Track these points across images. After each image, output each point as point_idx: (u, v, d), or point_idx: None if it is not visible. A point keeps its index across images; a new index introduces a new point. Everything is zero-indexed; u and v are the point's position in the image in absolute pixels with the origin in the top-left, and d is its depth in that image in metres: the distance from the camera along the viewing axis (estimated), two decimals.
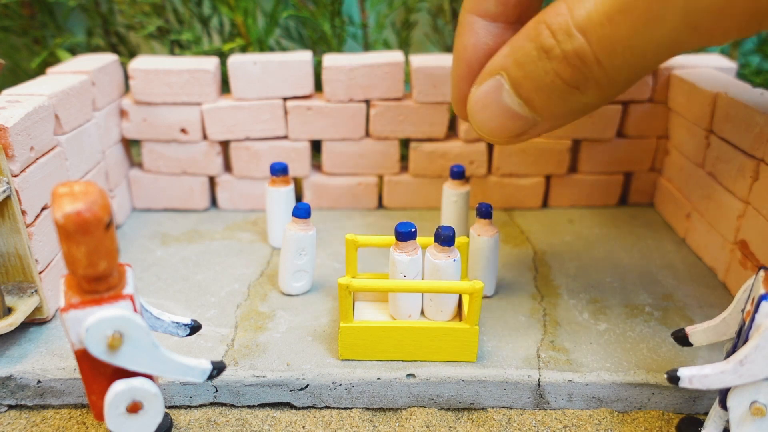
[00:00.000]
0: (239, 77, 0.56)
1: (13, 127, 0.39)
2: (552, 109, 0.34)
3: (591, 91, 0.32)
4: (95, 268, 0.28)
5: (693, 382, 0.32)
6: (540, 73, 0.32)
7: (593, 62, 0.31)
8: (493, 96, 0.35)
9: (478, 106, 0.36)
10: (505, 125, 0.36)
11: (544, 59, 0.32)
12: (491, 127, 0.36)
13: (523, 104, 0.34)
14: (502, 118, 0.35)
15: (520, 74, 0.33)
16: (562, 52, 0.31)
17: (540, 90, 0.33)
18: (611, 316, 0.45)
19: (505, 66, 0.34)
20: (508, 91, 0.34)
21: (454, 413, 0.40)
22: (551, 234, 0.58)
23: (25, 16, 0.71)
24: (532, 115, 0.34)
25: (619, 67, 0.30)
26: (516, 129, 0.36)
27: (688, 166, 0.56)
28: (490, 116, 0.36)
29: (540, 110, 0.34)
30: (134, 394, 0.31)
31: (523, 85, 0.33)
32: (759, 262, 0.45)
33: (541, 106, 0.34)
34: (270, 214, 0.54)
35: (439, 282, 0.39)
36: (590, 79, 0.31)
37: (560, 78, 0.32)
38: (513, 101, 0.34)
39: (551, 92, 0.33)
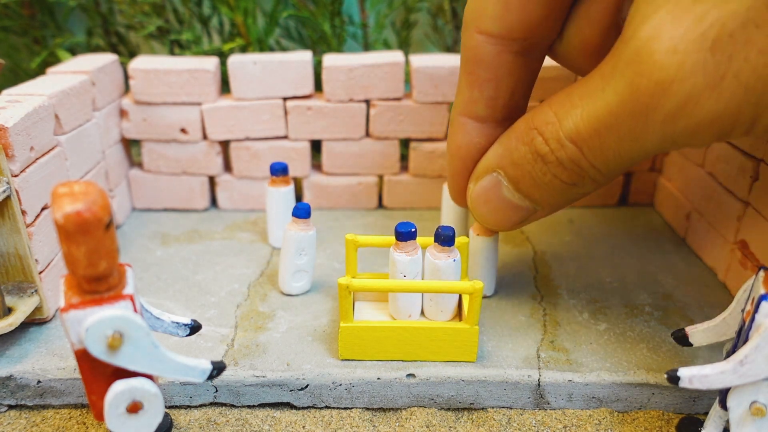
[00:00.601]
0: (239, 77, 0.56)
1: (13, 127, 0.39)
2: (552, 201, 0.36)
3: (588, 186, 0.35)
4: (95, 268, 0.28)
5: (693, 382, 0.32)
6: (538, 173, 0.35)
7: (588, 166, 0.33)
8: (493, 192, 0.38)
9: (480, 201, 0.39)
10: (507, 216, 0.39)
11: (540, 162, 0.34)
12: (494, 219, 0.39)
13: (523, 198, 0.37)
14: (503, 210, 0.38)
15: (518, 173, 0.36)
16: (557, 159, 0.34)
17: (539, 187, 0.36)
18: (611, 316, 0.45)
19: (501, 165, 0.37)
20: (508, 187, 0.37)
21: (454, 413, 0.40)
22: (551, 234, 0.58)
23: (25, 16, 0.71)
24: (532, 205, 0.37)
25: (612, 167, 0.33)
26: (518, 218, 0.39)
27: (688, 166, 0.56)
28: (492, 210, 0.39)
29: (540, 202, 0.37)
30: (134, 394, 0.31)
31: (521, 182, 0.36)
32: (759, 262, 0.45)
33: (540, 199, 0.36)
34: (270, 214, 0.54)
35: (439, 282, 0.39)
36: (586, 178, 0.34)
37: (558, 179, 0.34)
38: (513, 195, 0.37)
39: (550, 189, 0.35)
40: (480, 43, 0.37)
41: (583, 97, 0.32)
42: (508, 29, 0.36)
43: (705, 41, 0.27)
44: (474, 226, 0.45)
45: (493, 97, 0.39)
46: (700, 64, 0.27)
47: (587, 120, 0.32)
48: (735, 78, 0.27)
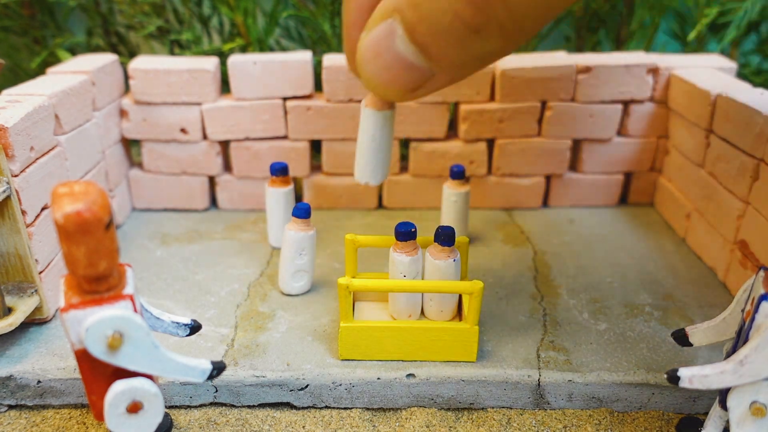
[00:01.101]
0: (239, 77, 0.56)
1: (13, 127, 0.39)
2: (451, 57, 0.29)
3: (493, 36, 0.28)
4: (95, 268, 0.28)
5: (693, 382, 0.32)
6: (438, 13, 0.28)
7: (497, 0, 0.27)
8: (385, 43, 0.30)
9: (369, 54, 0.31)
10: (398, 76, 0.31)
11: None
12: (384, 79, 0.31)
13: (418, 52, 0.30)
14: (395, 68, 0.31)
15: (416, 16, 0.29)
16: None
17: (437, 34, 0.29)
18: (611, 316, 0.45)
19: (398, 7, 0.29)
20: (402, 37, 0.30)
21: (454, 413, 0.40)
22: (551, 234, 0.58)
23: (25, 16, 0.71)
24: (428, 64, 0.30)
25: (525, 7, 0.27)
26: (411, 81, 0.31)
27: (688, 166, 0.56)
28: (381, 66, 0.31)
29: (437, 58, 0.30)
30: (134, 394, 0.31)
31: (418, 28, 0.29)
32: (759, 262, 0.45)
33: (438, 54, 0.29)
34: (270, 214, 0.54)
35: (439, 282, 0.39)
36: (493, 20, 0.27)
37: (460, 19, 0.28)
38: (407, 48, 0.30)
39: (450, 36, 0.28)
40: None
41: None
42: None
43: None
44: (367, 96, 0.36)
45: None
46: None
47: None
48: None
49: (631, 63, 0.56)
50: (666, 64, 0.57)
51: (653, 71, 0.57)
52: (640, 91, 0.57)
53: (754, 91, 0.50)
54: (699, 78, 0.54)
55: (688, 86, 0.54)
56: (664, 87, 0.58)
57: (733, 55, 0.74)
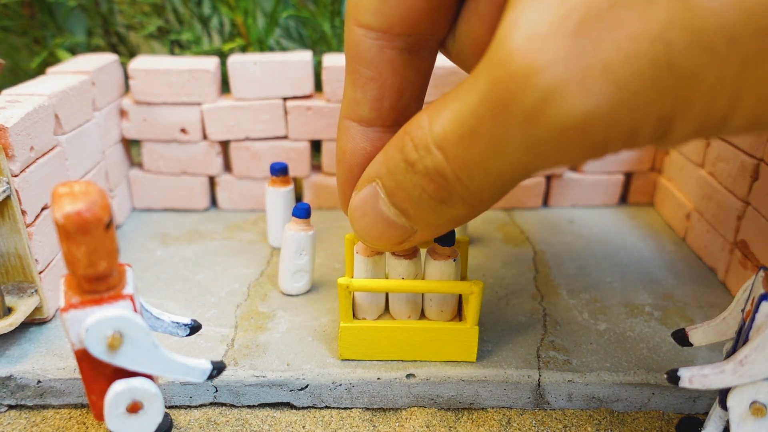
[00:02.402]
0: (239, 77, 0.56)
1: (13, 127, 0.39)
2: (426, 219, 0.32)
3: (458, 205, 0.30)
4: (95, 268, 0.28)
5: (693, 382, 0.32)
6: (408, 185, 0.31)
7: (453, 179, 0.29)
8: (370, 204, 0.34)
9: (358, 213, 0.35)
10: (384, 233, 0.34)
11: (410, 172, 0.30)
12: (372, 235, 0.35)
13: (399, 214, 0.33)
14: (380, 226, 0.34)
15: (393, 184, 0.32)
16: (424, 168, 0.29)
17: (411, 201, 0.31)
18: (611, 316, 0.45)
19: (379, 174, 0.33)
20: (384, 200, 0.33)
21: (454, 413, 0.40)
22: (551, 234, 0.58)
23: (25, 16, 0.71)
24: (408, 224, 0.33)
25: (479, 185, 0.29)
26: (395, 238, 0.34)
27: (688, 166, 0.56)
28: (369, 224, 0.34)
29: (414, 220, 0.32)
30: (134, 394, 0.31)
31: (396, 195, 0.32)
32: (759, 262, 0.45)
33: (415, 217, 0.32)
34: (270, 214, 0.54)
35: (439, 282, 0.38)
36: (454, 195, 0.30)
37: (426, 192, 0.30)
38: (389, 210, 0.33)
39: (421, 204, 0.31)
40: (360, 37, 0.33)
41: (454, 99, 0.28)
42: (388, 23, 0.32)
43: (568, 24, 0.22)
44: (358, 243, 0.42)
45: (378, 98, 0.34)
46: (562, 52, 0.22)
47: (453, 123, 0.27)
48: (604, 70, 0.22)
49: None
50: None
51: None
52: None
53: None
54: None
55: None
56: None
57: None
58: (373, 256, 0.40)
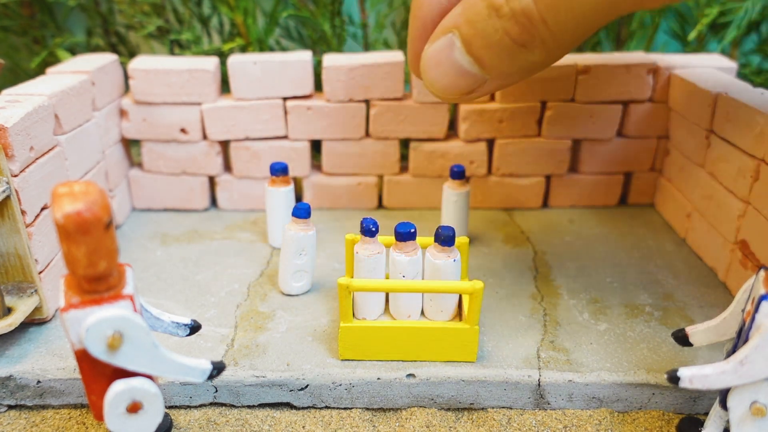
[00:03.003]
0: (239, 77, 0.56)
1: (12, 127, 0.39)
2: (500, 67, 0.35)
3: (537, 50, 0.33)
4: (95, 268, 0.28)
5: (693, 382, 0.32)
6: (490, 30, 0.34)
7: (539, 21, 0.32)
8: (445, 53, 0.36)
9: (431, 63, 0.37)
10: (455, 82, 0.37)
11: (493, 17, 0.33)
12: (442, 84, 0.37)
13: (473, 62, 0.35)
14: (452, 75, 0.37)
15: (471, 32, 0.34)
16: (511, 11, 0.32)
17: (489, 47, 0.34)
18: (611, 316, 0.45)
19: (457, 24, 0.35)
20: (460, 49, 0.35)
21: (454, 413, 0.40)
22: (551, 234, 0.58)
23: (24, 16, 0.71)
24: (481, 72, 0.36)
25: (562, 27, 0.32)
26: (466, 86, 0.37)
27: (688, 166, 0.56)
28: (441, 73, 0.37)
29: (489, 68, 0.35)
30: (134, 394, 0.31)
31: (473, 43, 0.35)
32: (759, 262, 0.45)
33: (490, 64, 0.35)
34: (270, 214, 0.54)
35: (439, 282, 0.38)
36: (536, 38, 0.33)
37: (508, 36, 0.33)
38: (464, 59, 0.35)
39: (500, 50, 0.34)
40: None
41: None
42: None
43: None
44: (358, 243, 0.42)
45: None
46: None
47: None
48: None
49: (631, 63, 0.56)
50: (666, 64, 0.57)
51: (653, 71, 0.57)
52: (640, 91, 0.57)
53: (754, 91, 0.50)
54: (699, 78, 0.54)
55: (689, 86, 0.54)
56: (665, 87, 0.58)
57: (733, 54, 0.74)
58: (373, 256, 0.40)
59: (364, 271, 0.41)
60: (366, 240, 0.40)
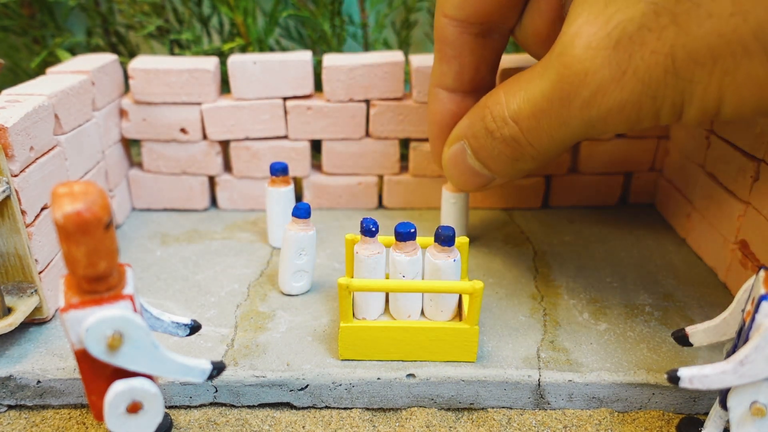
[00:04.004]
0: (239, 77, 0.56)
1: (12, 127, 0.39)
2: (504, 171, 0.42)
3: (528, 162, 0.40)
4: (95, 268, 0.28)
5: (693, 382, 0.32)
6: (489, 147, 0.41)
7: (526, 144, 0.38)
8: (459, 158, 0.44)
9: (450, 164, 0.45)
10: (471, 180, 0.45)
11: (490, 138, 0.40)
12: (462, 181, 0.45)
13: (482, 166, 0.43)
14: (468, 175, 0.44)
15: (476, 145, 0.42)
16: (501, 136, 0.39)
17: (492, 158, 0.41)
18: (611, 316, 0.45)
19: (465, 136, 0.43)
20: (470, 155, 0.43)
21: (454, 413, 0.40)
22: (551, 234, 0.58)
23: (24, 16, 0.71)
24: (490, 174, 0.43)
25: (546, 148, 0.38)
26: (480, 183, 0.44)
27: (688, 166, 0.56)
28: (459, 173, 0.45)
29: (494, 172, 0.43)
30: (134, 394, 0.31)
31: (479, 153, 0.42)
32: (759, 262, 0.45)
33: (494, 169, 0.42)
34: (270, 214, 0.54)
35: (439, 282, 0.38)
36: (526, 155, 0.39)
37: (503, 153, 0.40)
38: (474, 163, 0.43)
39: (499, 161, 0.41)
40: (445, 25, 0.43)
41: (527, 82, 0.37)
42: (466, 15, 0.42)
43: (611, 40, 0.32)
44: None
45: (459, 71, 0.44)
46: (606, 60, 0.32)
47: (527, 102, 0.37)
48: (634, 74, 0.32)
49: None
50: None
51: None
52: None
53: None
54: None
55: None
56: None
57: None
58: (373, 256, 0.40)
59: (364, 271, 0.41)
60: (366, 240, 0.40)
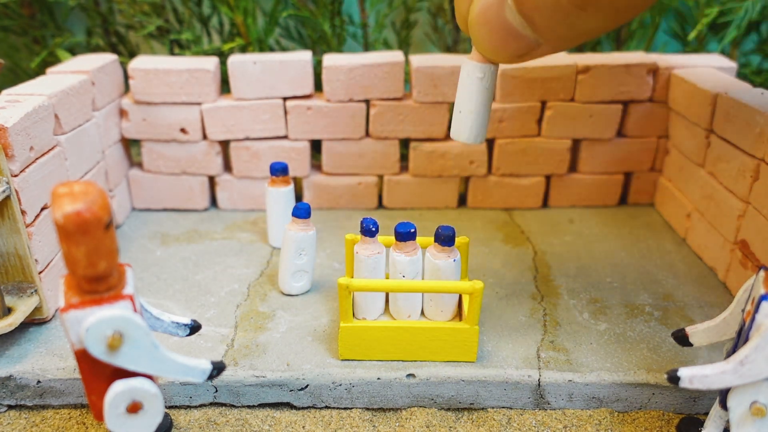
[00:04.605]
0: (239, 77, 0.56)
1: (12, 127, 0.39)
2: (556, 31, 0.30)
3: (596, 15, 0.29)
4: (95, 268, 0.28)
5: (693, 382, 0.32)
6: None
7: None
8: (495, 10, 0.32)
9: (480, 20, 0.33)
10: (506, 44, 0.32)
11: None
12: (493, 44, 0.33)
13: (525, 23, 0.31)
14: (503, 35, 0.32)
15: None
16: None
17: (543, 9, 0.29)
18: (611, 316, 0.45)
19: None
20: (511, 7, 0.31)
21: (454, 413, 0.40)
22: (551, 234, 0.58)
23: (25, 16, 0.71)
24: (534, 35, 0.31)
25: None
26: (518, 49, 0.32)
27: (688, 166, 0.56)
28: (491, 32, 0.32)
29: (543, 31, 0.31)
30: (134, 394, 0.31)
31: (526, 2, 0.30)
32: (759, 262, 0.45)
33: (544, 27, 0.30)
34: (270, 214, 0.54)
35: (439, 282, 0.38)
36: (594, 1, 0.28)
37: None
38: (515, 19, 0.31)
39: (555, 12, 0.29)
40: None
41: None
42: None
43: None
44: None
45: None
46: None
47: None
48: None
49: (631, 63, 0.56)
50: (666, 64, 0.57)
51: (653, 71, 0.57)
52: (640, 91, 0.57)
53: (754, 91, 0.49)
54: (699, 78, 0.54)
55: (689, 86, 0.54)
56: (664, 87, 0.58)
57: (733, 54, 0.74)
58: (373, 256, 0.40)
59: (364, 272, 0.41)
60: (366, 240, 0.40)
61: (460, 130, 0.38)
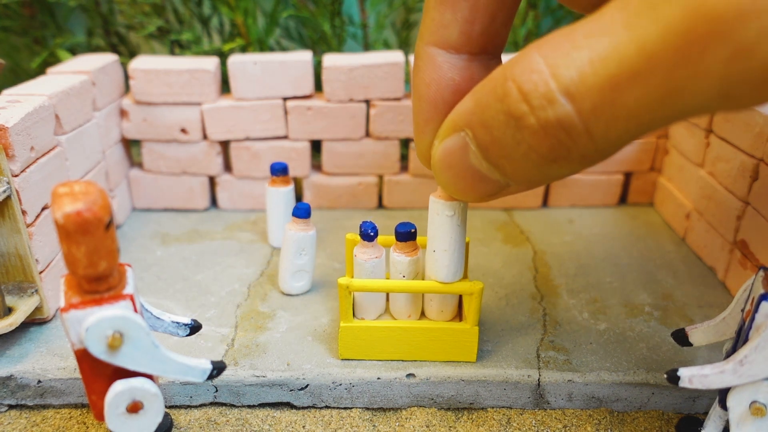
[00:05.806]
0: (239, 77, 0.57)
1: (13, 127, 0.39)
2: (526, 177, 0.28)
3: (574, 163, 0.26)
4: (95, 268, 0.28)
5: (693, 381, 0.32)
6: (510, 142, 0.26)
7: (581, 133, 0.24)
8: (458, 155, 0.29)
9: (443, 164, 0.30)
10: (473, 187, 0.30)
11: (513, 127, 0.26)
12: (459, 188, 0.31)
13: (492, 168, 0.28)
14: (469, 179, 0.30)
15: (487, 138, 0.27)
16: (538, 122, 0.25)
17: (510, 158, 0.27)
18: (611, 316, 0.45)
19: (470, 124, 0.28)
20: (475, 153, 0.28)
21: (454, 413, 0.40)
22: (551, 234, 0.58)
23: (25, 16, 0.71)
24: (503, 179, 0.29)
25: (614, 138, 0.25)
26: (486, 192, 0.30)
27: (688, 166, 0.56)
28: (456, 177, 0.30)
29: (512, 176, 0.28)
30: (134, 394, 0.31)
31: (490, 149, 0.27)
32: (759, 262, 0.45)
33: (513, 173, 0.28)
34: (270, 214, 0.54)
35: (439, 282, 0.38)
36: (574, 152, 0.25)
37: (535, 152, 0.26)
38: (481, 164, 0.28)
39: (524, 163, 0.27)
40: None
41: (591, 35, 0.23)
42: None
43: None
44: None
45: (469, 20, 0.31)
46: None
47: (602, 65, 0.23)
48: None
49: None
50: None
51: None
52: None
53: None
54: None
55: None
56: None
57: None
58: (371, 260, 0.40)
59: (363, 275, 0.41)
60: (365, 244, 0.40)
61: (435, 270, 0.38)
